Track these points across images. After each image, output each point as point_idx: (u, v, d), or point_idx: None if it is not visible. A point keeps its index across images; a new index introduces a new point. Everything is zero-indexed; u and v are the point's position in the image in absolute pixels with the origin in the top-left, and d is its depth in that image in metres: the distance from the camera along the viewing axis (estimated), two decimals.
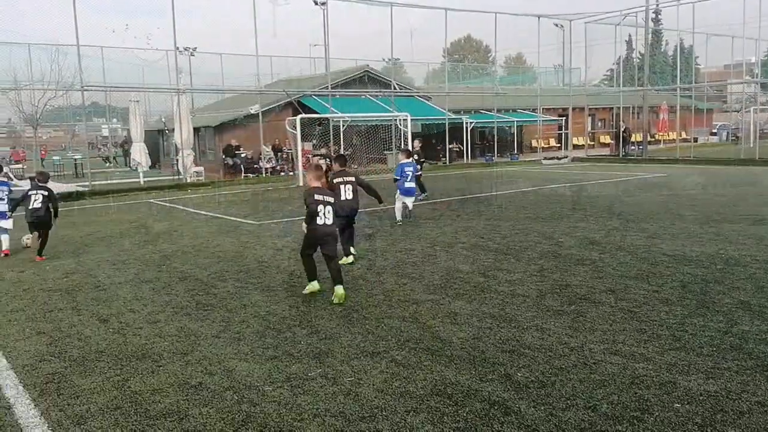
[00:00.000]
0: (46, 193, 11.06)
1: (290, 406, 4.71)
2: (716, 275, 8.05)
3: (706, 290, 7.38)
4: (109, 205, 17.45)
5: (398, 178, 13.57)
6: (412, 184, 13.83)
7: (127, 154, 36.44)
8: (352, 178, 10.15)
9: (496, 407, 4.55)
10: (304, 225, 7.98)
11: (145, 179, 26.14)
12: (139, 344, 6.27)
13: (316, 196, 7.90)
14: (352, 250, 9.97)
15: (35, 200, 10.94)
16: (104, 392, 5.12)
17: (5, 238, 11.61)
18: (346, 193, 9.99)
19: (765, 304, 6.70)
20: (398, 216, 13.52)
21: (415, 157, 15.53)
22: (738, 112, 49.55)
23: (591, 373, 5.09)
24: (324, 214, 7.88)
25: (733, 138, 45.04)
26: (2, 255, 11.41)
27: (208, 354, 5.90)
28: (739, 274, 8.07)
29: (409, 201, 13.71)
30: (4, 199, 11.49)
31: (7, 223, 11.54)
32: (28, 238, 11.73)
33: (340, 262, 8.77)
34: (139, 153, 26.92)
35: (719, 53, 54.07)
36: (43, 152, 40.87)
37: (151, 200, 20.54)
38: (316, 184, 8.22)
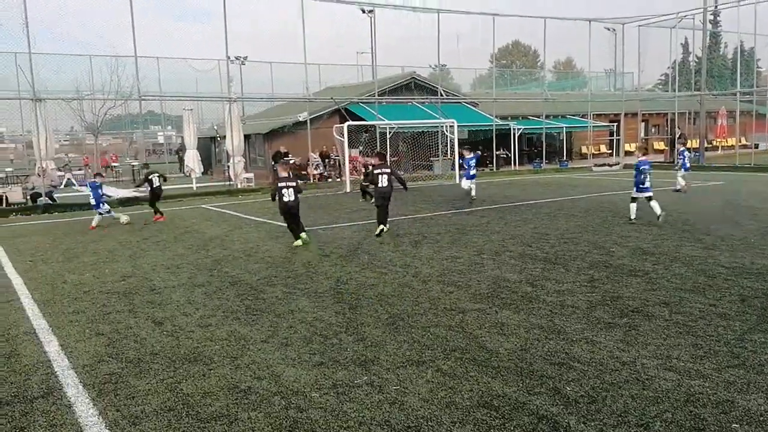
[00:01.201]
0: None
1: (336, 413, 4.73)
2: None
3: (767, 305, 7.09)
4: (164, 210, 17.93)
5: (465, 167, 19.42)
6: (474, 171, 19.28)
7: (181, 161, 37.41)
8: (388, 170, 13.32)
9: (544, 422, 4.47)
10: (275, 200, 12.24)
11: (198, 185, 26.78)
12: (191, 347, 6.42)
13: (280, 183, 12.09)
14: (384, 227, 13.16)
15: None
16: (158, 394, 5.27)
17: (96, 218, 16.27)
18: (383, 181, 13.15)
19: None
20: (469, 190, 19.27)
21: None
22: None
23: (644, 389, 4.95)
24: (287, 193, 12.02)
25: None
26: (89, 229, 15.91)
27: (256, 359, 5.99)
28: None
29: (469, 183, 19.22)
30: (92, 195, 16.35)
31: (104, 209, 16.40)
32: (127, 218, 16.83)
33: (377, 233, 12.98)
34: (193, 160, 27.60)
35: None
36: (114, 158, 42.22)
37: (204, 206, 21.02)
38: (284, 174, 12.41)
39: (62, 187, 32.07)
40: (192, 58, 34.51)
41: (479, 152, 23.31)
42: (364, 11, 28.15)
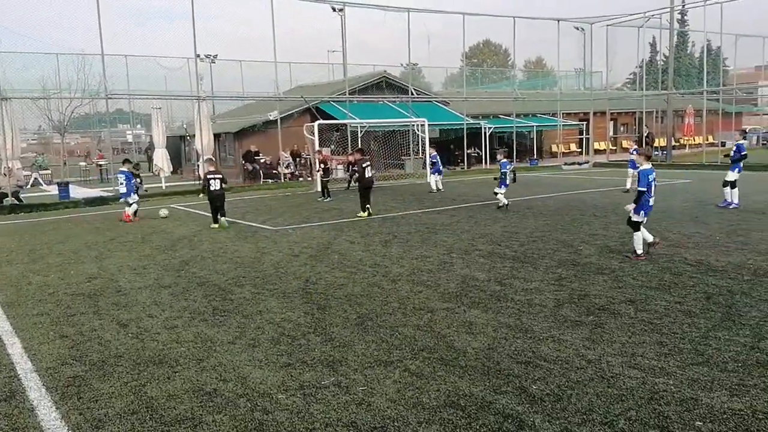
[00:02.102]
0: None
1: (302, 415, 4.69)
2: (743, 287, 7.86)
3: (731, 302, 7.21)
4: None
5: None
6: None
7: (150, 160, 36.88)
8: (369, 162, 16.41)
9: (509, 421, 4.48)
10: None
11: (167, 184, 26.42)
12: (157, 349, 6.31)
13: (209, 176, 15.10)
14: (369, 208, 15.93)
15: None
16: (122, 397, 5.18)
17: (130, 209, 16.89)
18: (369, 172, 16.20)
19: None
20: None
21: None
22: None
23: (609, 387, 4.99)
24: (214, 183, 14.92)
25: (764, 142, 44.18)
26: (125, 219, 16.73)
27: (223, 360, 5.91)
28: (767, 285, 7.88)
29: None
30: (123, 183, 16.92)
31: (133, 198, 16.96)
32: (165, 211, 17.66)
33: (366, 214, 15.78)
34: (162, 159, 27.21)
35: (749, 54, 53.36)
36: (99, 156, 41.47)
37: (173, 205, 20.72)
38: (211, 168, 15.61)
39: (29, 187, 31.41)
40: (160, 56, 33.99)
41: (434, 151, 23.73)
42: (334, 9, 28.04)
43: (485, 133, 33.75)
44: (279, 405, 4.88)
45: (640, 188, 9.69)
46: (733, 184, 15.25)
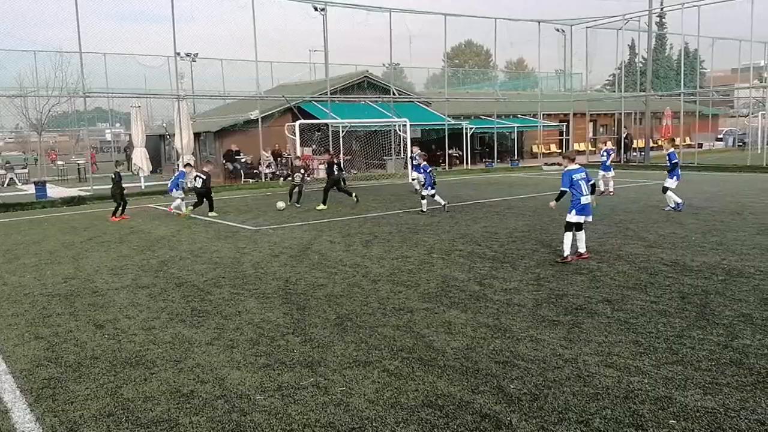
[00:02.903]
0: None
1: (280, 416, 4.67)
2: (717, 286, 7.98)
3: (706, 302, 7.32)
4: (110, 209, 17.44)
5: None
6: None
7: (129, 159, 36.51)
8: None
9: (487, 420, 4.50)
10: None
11: (146, 184, 26.16)
12: (133, 351, 6.25)
13: (195, 172, 17.33)
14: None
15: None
16: (98, 399, 5.12)
17: (177, 203, 17.94)
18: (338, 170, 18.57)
19: None
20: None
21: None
22: (745, 117, 49.40)
23: (585, 386, 5.04)
24: (197, 182, 16.86)
25: (740, 144, 44.85)
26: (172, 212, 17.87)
27: (200, 361, 5.88)
28: (741, 285, 7.99)
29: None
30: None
31: (177, 193, 17.98)
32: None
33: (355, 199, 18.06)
34: (141, 158, 26.93)
35: (726, 57, 54.20)
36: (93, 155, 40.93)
37: (152, 205, 20.54)
38: (204, 168, 17.41)
39: (4, 186, 30.95)
40: (140, 54, 33.59)
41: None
42: (316, 9, 27.97)
43: (467, 133, 33.90)
44: (257, 406, 4.86)
45: (561, 188, 9.91)
46: (665, 189, 15.42)
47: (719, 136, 49.37)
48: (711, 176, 26.03)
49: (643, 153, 36.27)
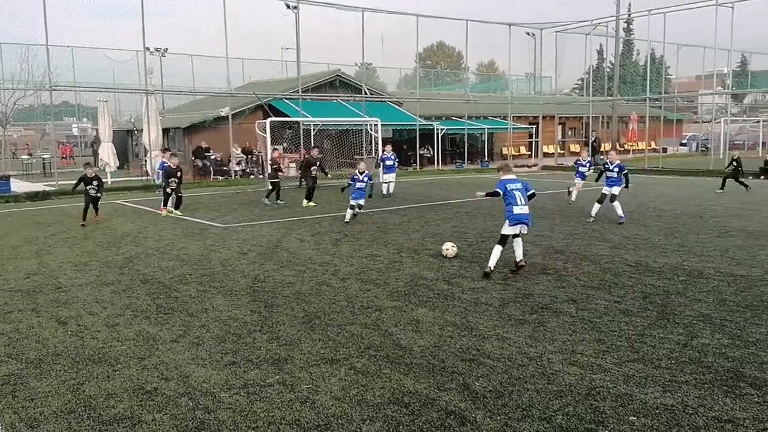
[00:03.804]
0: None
1: (245, 414, 4.65)
2: (678, 287, 8.17)
3: (667, 302, 7.49)
4: (75, 205, 17.10)
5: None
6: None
7: (96, 154, 35.84)
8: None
9: (452, 417, 4.54)
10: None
11: (113, 180, 25.70)
12: (96, 348, 6.16)
13: (176, 159, 16.52)
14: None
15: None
16: (59, 396, 5.05)
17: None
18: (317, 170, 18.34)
19: (726, 318, 6.81)
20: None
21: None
22: (709, 122, 50.60)
23: (548, 383, 5.12)
24: (176, 179, 16.14)
25: (703, 149, 45.92)
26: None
27: (165, 359, 5.81)
28: (701, 286, 8.19)
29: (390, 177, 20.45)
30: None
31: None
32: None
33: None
34: (107, 153, 26.46)
35: (690, 64, 55.43)
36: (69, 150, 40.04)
37: (118, 201, 20.19)
38: (176, 161, 16.56)
39: None
40: (109, 48, 33.06)
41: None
42: (288, 6, 27.83)
43: (438, 134, 34.06)
44: (221, 404, 4.83)
45: (495, 189, 9.28)
46: (613, 198, 14.10)
47: (683, 141, 50.45)
48: (674, 180, 26.60)
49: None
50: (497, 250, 9.04)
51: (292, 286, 8.55)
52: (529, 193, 9.17)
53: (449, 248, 10.21)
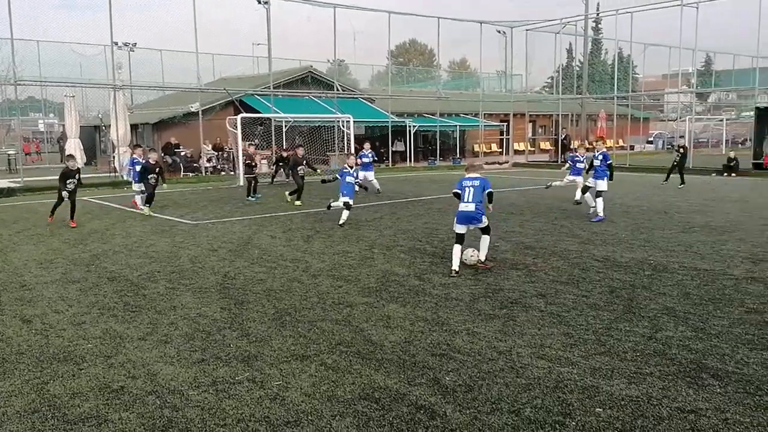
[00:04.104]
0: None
1: (214, 411, 4.61)
2: (644, 281, 8.32)
3: (633, 296, 7.62)
4: (41, 202, 16.77)
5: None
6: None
7: (62, 150, 35.13)
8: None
9: (422, 411, 4.56)
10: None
11: (80, 176, 25.20)
12: (62, 346, 6.05)
13: (154, 155, 16.13)
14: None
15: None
16: (22, 395, 4.95)
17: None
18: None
19: (690, 311, 6.95)
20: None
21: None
22: (674, 121, 51.57)
23: (517, 377, 5.18)
24: (154, 178, 15.50)
25: (669, 147, 46.79)
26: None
27: (132, 357, 5.73)
28: (666, 280, 8.36)
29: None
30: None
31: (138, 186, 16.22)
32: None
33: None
34: (74, 149, 25.94)
35: (657, 63, 56.43)
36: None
37: (86, 198, 19.81)
38: (155, 156, 16.21)
39: None
40: (76, 43, 32.31)
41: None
42: (260, 2, 27.60)
43: (410, 131, 34.14)
44: (190, 401, 4.78)
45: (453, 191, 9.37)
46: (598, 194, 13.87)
47: (650, 139, 51.34)
48: (641, 177, 27.05)
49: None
50: (456, 249, 8.95)
51: (262, 282, 8.49)
52: (486, 191, 9.03)
53: (472, 255, 9.34)
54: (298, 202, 17.31)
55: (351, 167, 13.87)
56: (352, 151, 27.66)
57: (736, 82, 47.26)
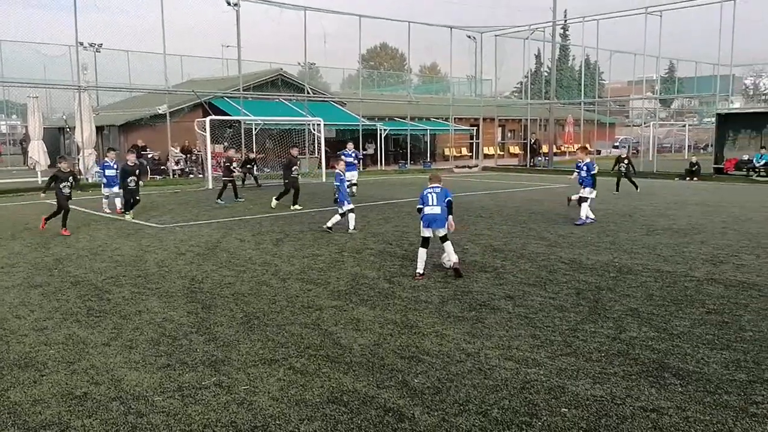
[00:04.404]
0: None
1: (179, 417, 4.54)
2: (609, 283, 8.46)
3: (598, 297, 7.75)
4: (3, 205, 16.36)
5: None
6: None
7: (25, 152, 34.33)
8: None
9: (390, 414, 4.57)
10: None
11: (43, 179, 24.66)
12: (23, 352, 5.90)
13: (131, 159, 15.62)
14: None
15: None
16: None
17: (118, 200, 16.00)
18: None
19: (653, 312, 7.09)
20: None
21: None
22: (639, 126, 52.54)
23: (485, 378, 5.21)
24: (134, 180, 15.01)
25: (634, 151, 47.70)
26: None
27: (96, 363, 5.62)
28: (630, 282, 8.51)
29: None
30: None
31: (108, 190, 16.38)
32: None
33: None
34: (38, 151, 25.41)
35: (623, 70, 57.57)
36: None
37: (49, 201, 19.38)
38: (133, 158, 15.83)
39: None
40: (39, 43, 31.61)
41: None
42: (229, 3, 27.40)
43: (381, 135, 34.20)
44: (155, 407, 4.71)
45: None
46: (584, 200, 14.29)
47: (616, 144, 52.19)
48: (607, 181, 27.44)
49: (547, 158, 37.87)
50: (421, 252, 9.01)
51: (230, 286, 8.41)
52: (447, 199, 9.12)
53: (448, 260, 9.19)
54: (297, 207, 16.74)
55: (343, 171, 13.65)
56: (316, 154, 27.60)
57: (698, 88, 48.40)
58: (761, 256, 10.23)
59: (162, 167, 27.80)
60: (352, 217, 12.93)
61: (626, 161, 22.14)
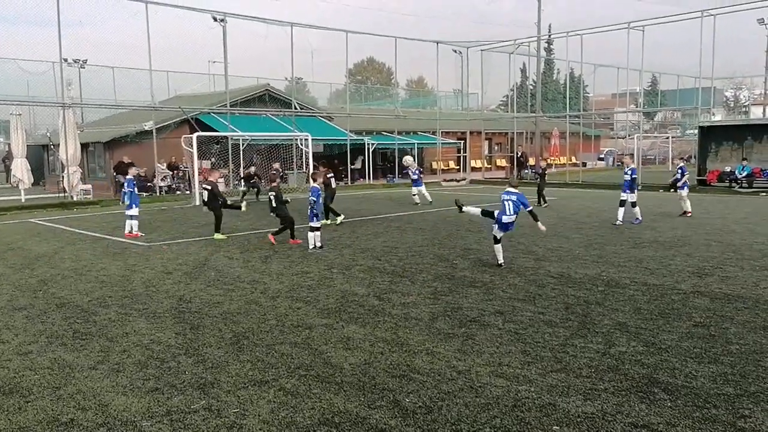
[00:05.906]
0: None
1: None
2: (598, 297, 8.50)
3: (587, 312, 7.77)
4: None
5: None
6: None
7: (8, 170, 34.03)
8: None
9: None
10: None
11: (27, 197, 24.47)
12: (7, 378, 5.81)
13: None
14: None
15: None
16: None
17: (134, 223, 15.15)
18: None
19: (641, 326, 7.12)
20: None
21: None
22: (623, 138, 53.06)
23: (476, 396, 5.20)
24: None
25: (619, 163, 48.08)
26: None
27: (82, 387, 5.54)
28: (618, 295, 8.55)
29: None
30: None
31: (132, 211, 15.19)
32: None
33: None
34: (21, 169, 25.19)
35: (607, 82, 58.17)
36: None
37: (33, 220, 19.21)
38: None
39: None
40: (22, 59, 31.44)
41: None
42: (215, 19, 27.44)
43: (368, 149, 34.27)
44: None
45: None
46: (622, 203, 16.41)
47: (601, 156, 52.69)
48: (593, 193, 27.72)
49: (534, 170, 38.04)
50: (497, 247, 10.82)
51: (219, 305, 8.35)
52: (529, 209, 10.74)
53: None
54: (340, 218, 17.14)
55: (321, 186, 13.82)
56: (304, 169, 27.57)
57: (680, 101, 49.03)
58: (745, 268, 10.32)
59: (148, 184, 27.63)
60: (318, 236, 12.81)
61: (541, 171, 21.99)
